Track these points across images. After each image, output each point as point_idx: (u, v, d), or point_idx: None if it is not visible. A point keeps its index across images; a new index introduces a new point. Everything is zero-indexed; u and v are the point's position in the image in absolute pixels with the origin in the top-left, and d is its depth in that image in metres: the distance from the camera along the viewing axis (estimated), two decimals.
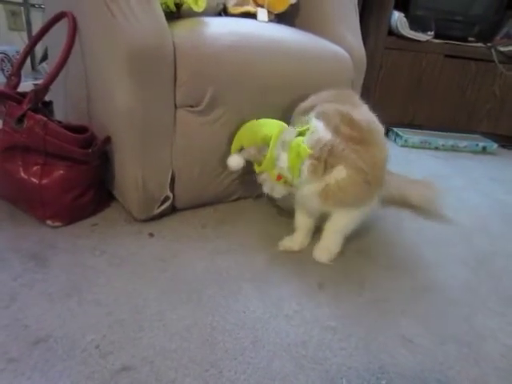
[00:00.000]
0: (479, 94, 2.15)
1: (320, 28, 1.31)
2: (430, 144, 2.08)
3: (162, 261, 0.93)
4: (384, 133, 0.99)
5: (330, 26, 1.32)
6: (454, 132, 2.19)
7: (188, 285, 0.86)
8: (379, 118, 0.98)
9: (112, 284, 0.84)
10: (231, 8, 1.27)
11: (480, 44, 2.09)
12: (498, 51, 2.06)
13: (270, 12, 1.30)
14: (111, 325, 0.74)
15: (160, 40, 0.91)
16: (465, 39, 2.11)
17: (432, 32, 2.02)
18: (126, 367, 0.66)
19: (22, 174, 0.97)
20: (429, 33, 2.01)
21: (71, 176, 0.99)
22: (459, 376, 0.72)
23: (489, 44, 2.08)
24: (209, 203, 1.17)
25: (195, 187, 1.11)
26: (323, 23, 1.33)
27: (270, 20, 1.29)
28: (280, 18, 1.35)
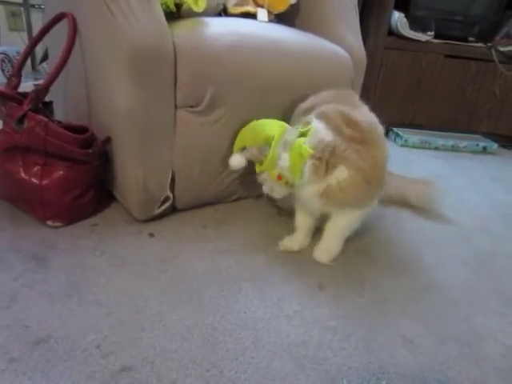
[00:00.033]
0: (479, 94, 2.15)
1: (320, 28, 1.31)
2: (430, 144, 2.08)
3: (163, 261, 0.93)
4: (384, 133, 0.99)
5: (330, 26, 1.32)
6: (454, 132, 2.19)
7: (188, 285, 0.86)
8: (379, 118, 0.98)
9: (112, 284, 0.84)
10: (231, 8, 1.27)
11: (480, 44, 2.09)
12: (498, 51, 2.06)
13: (270, 12, 1.30)
14: (112, 325, 0.74)
15: (160, 40, 0.91)
16: (465, 39, 2.11)
17: (432, 32, 2.02)
18: (127, 367, 0.66)
19: (23, 175, 0.97)
20: (429, 33, 2.01)
21: (71, 176, 0.99)
22: (459, 376, 0.72)
23: (489, 44, 2.08)
24: (209, 203, 1.18)
25: (195, 187, 1.11)
26: (323, 23, 1.33)
27: (270, 20, 1.29)
28: (280, 18, 1.35)
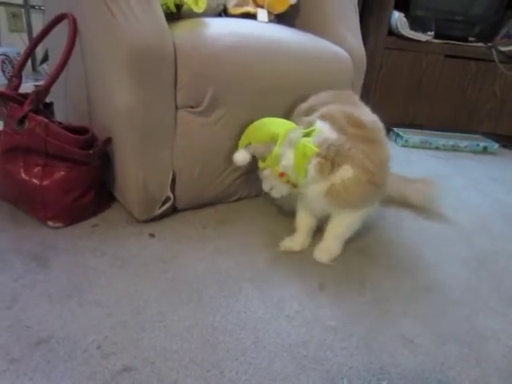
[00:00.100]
0: (480, 94, 2.15)
1: (320, 28, 1.31)
2: (431, 144, 2.08)
3: (163, 262, 0.93)
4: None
5: (330, 27, 1.32)
6: (455, 132, 2.19)
7: (189, 285, 0.86)
8: (380, 118, 0.98)
9: (113, 285, 0.84)
10: (231, 9, 1.28)
11: (480, 44, 2.09)
12: (499, 51, 2.06)
13: (270, 12, 1.30)
14: (112, 326, 0.74)
15: (160, 41, 0.91)
16: (465, 39, 2.11)
17: (432, 32, 2.02)
18: (128, 368, 0.66)
19: (23, 175, 0.97)
20: (429, 33, 2.01)
21: (72, 177, 0.99)
22: (460, 376, 0.72)
23: (489, 44, 2.08)
24: (209, 204, 1.18)
25: (196, 188, 1.11)
26: (323, 23, 1.33)
27: (270, 20, 1.30)
28: (280, 19, 1.35)
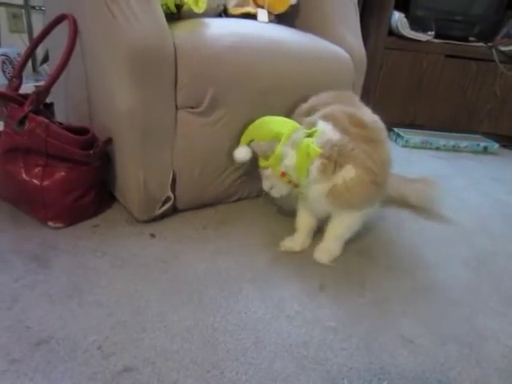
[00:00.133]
0: (480, 94, 2.15)
1: (320, 29, 1.31)
2: (431, 144, 2.08)
3: (164, 262, 0.93)
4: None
5: (331, 27, 1.32)
6: (455, 132, 2.19)
7: (189, 286, 0.87)
8: (380, 119, 0.98)
9: (113, 285, 0.84)
10: (231, 9, 1.28)
11: (481, 44, 2.09)
12: (499, 51, 2.06)
13: (270, 13, 1.30)
14: (113, 326, 0.74)
15: (161, 41, 0.91)
16: (465, 39, 2.11)
17: (432, 32, 2.02)
18: (128, 368, 0.67)
19: (24, 176, 0.97)
20: (429, 33, 2.01)
21: (72, 177, 1.00)
22: (460, 377, 0.72)
23: (489, 44, 2.08)
24: (209, 204, 1.18)
25: (196, 188, 1.11)
26: (323, 24, 1.33)
27: (270, 21, 1.30)
28: (280, 19, 1.35)
